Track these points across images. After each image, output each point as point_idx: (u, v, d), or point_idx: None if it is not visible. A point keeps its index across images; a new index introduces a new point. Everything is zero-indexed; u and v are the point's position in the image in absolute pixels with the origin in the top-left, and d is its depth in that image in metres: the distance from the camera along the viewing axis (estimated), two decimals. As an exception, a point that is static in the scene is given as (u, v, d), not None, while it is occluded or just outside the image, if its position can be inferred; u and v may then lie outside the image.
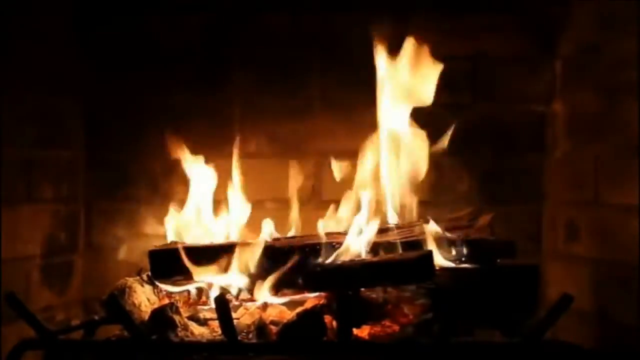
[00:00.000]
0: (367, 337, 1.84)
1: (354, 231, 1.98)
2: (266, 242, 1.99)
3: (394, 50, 2.20)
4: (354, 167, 2.20)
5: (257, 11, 2.43)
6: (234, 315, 1.87)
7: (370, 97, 2.22)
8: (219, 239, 2.15)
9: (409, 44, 2.15)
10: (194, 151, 2.27)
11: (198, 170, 2.25)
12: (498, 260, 1.99)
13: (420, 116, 2.23)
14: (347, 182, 2.20)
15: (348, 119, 2.35)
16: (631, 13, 1.93)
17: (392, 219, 2.15)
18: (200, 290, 2.04)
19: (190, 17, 2.44)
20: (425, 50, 2.15)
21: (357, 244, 1.95)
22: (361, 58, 2.25)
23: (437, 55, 2.34)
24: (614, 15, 2.05)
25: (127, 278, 2.03)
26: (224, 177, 2.27)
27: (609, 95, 2.06)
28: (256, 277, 1.94)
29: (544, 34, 2.38)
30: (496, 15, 2.39)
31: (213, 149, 2.40)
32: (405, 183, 2.17)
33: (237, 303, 1.99)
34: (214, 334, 1.89)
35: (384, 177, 2.17)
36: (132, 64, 2.44)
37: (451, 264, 1.97)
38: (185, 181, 2.27)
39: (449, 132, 2.17)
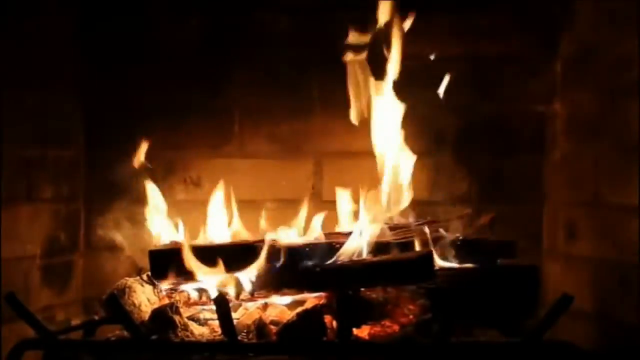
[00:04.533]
0: (367, 337, 1.84)
1: (356, 232, 1.98)
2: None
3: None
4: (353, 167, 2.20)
5: (257, 11, 2.43)
6: (234, 315, 1.87)
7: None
8: (219, 239, 2.15)
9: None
10: (194, 151, 2.27)
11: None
12: (498, 260, 1.99)
13: (419, 116, 2.23)
14: (348, 183, 2.20)
15: (348, 119, 2.35)
16: (631, 13, 1.93)
17: (392, 220, 2.15)
18: (200, 290, 2.03)
19: (190, 17, 2.44)
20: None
21: (357, 245, 1.95)
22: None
23: (437, 55, 2.35)
24: (614, 16, 2.05)
25: (127, 278, 2.03)
26: (223, 177, 2.27)
27: (609, 95, 2.06)
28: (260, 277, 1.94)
29: (544, 34, 2.38)
30: (496, 15, 2.39)
31: (213, 149, 2.41)
32: (402, 183, 2.17)
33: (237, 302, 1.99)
34: (214, 334, 1.89)
35: (382, 177, 2.18)
36: (132, 64, 2.44)
37: (451, 264, 1.97)
38: (185, 181, 2.27)
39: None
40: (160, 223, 2.21)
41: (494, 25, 2.40)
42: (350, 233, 1.97)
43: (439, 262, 1.94)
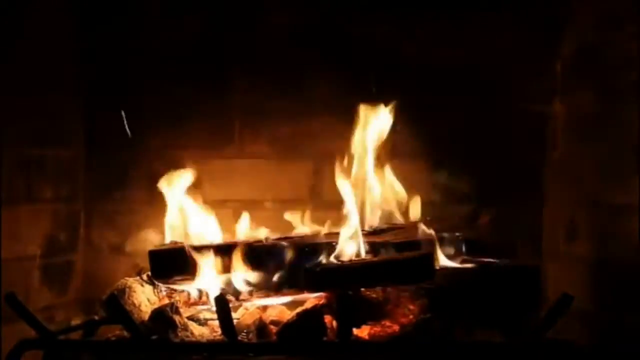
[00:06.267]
0: (367, 337, 1.84)
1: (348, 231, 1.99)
2: (266, 242, 2.00)
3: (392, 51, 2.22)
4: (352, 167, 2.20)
5: (257, 11, 2.43)
6: (234, 315, 1.87)
7: (370, 97, 2.23)
8: (218, 239, 2.15)
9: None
10: (194, 151, 2.27)
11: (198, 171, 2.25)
12: (498, 260, 1.99)
13: (420, 117, 2.23)
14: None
15: (348, 120, 2.35)
16: (631, 13, 1.93)
17: (392, 219, 2.15)
18: (200, 291, 2.03)
19: (190, 17, 2.44)
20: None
21: (353, 244, 1.96)
22: (361, 59, 2.25)
23: (437, 56, 2.36)
24: (614, 15, 2.05)
25: (127, 278, 2.03)
26: (223, 177, 2.27)
27: (609, 95, 2.06)
28: (257, 277, 1.94)
29: (544, 33, 2.38)
30: (496, 15, 2.39)
31: (213, 149, 2.41)
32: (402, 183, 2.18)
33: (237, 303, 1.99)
34: (214, 334, 1.89)
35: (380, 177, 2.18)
36: (132, 64, 2.44)
37: (451, 264, 1.97)
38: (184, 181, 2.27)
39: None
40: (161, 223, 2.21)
41: (494, 25, 2.40)
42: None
43: (439, 262, 1.94)
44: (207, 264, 1.96)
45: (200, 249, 2.01)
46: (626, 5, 1.96)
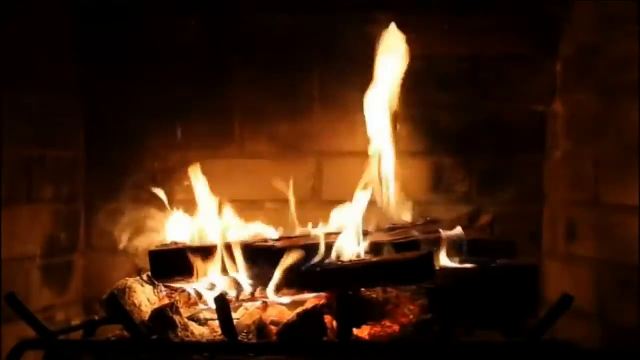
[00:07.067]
0: (367, 337, 1.84)
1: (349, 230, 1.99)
2: (266, 242, 2.00)
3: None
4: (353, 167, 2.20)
5: (257, 11, 2.43)
6: (234, 315, 1.87)
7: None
8: (218, 239, 2.15)
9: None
10: (194, 151, 2.28)
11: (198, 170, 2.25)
12: (498, 260, 1.99)
13: (421, 116, 2.23)
14: (347, 183, 2.20)
15: (348, 119, 2.35)
16: (631, 13, 1.93)
17: (391, 219, 2.15)
18: (200, 290, 2.03)
19: (190, 16, 2.44)
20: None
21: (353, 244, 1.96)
22: (361, 58, 2.25)
23: (437, 56, 2.36)
24: (614, 16, 2.05)
25: (127, 278, 2.03)
26: (223, 177, 2.27)
27: (609, 96, 2.06)
28: (257, 277, 1.94)
29: (544, 34, 2.38)
30: (496, 15, 2.39)
31: (213, 149, 2.41)
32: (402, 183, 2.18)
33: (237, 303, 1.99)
34: (214, 334, 1.89)
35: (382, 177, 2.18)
36: (132, 64, 2.44)
37: (451, 264, 1.97)
38: (184, 181, 2.27)
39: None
40: (161, 223, 2.21)
41: (494, 25, 2.40)
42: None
43: (439, 262, 1.94)
44: (208, 264, 1.97)
45: (200, 249, 2.01)
46: (626, 5, 1.96)
